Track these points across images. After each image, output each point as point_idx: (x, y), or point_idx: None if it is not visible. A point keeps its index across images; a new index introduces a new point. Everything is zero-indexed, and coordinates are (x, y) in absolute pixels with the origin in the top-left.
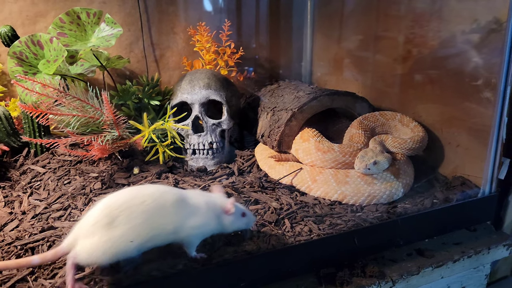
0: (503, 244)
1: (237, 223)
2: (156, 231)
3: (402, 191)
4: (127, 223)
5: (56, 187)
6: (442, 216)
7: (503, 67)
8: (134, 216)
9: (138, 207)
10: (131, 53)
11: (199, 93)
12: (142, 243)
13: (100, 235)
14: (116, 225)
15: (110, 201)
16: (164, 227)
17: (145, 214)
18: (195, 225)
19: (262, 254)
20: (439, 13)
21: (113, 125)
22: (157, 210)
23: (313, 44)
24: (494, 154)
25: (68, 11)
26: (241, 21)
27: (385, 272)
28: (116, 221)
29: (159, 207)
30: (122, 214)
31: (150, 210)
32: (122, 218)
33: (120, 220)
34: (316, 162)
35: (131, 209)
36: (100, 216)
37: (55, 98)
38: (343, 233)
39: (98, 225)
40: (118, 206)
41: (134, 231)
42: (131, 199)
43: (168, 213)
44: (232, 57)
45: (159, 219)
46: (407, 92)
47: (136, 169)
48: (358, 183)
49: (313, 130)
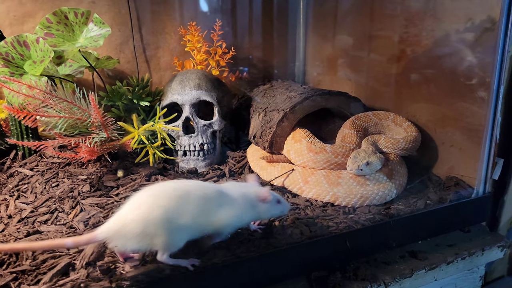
0: (497, 245)
1: (273, 211)
2: (199, 223)
3: (395, 192)
4: (175, 215)
5: (43, 190)
6: (435, 217)
7: (496, 66)
8: (180, 209)
9: (184, 199)
10: (121, 53)
11: (189, 94)
12: (187, 235)
13: (145, 227)
14: (163, 218)
15: (154, 194)
16: (206, 219)
17: (190, 206)
18: (234, 215)
19: (252, 258)
20: (433, 12)
21: (101, 127)
22: (201, 203)
23: (306, 43)
24: (488, 154)
25: (55, 11)
26: (233, 21)
27: (378, 275)
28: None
29: (203, 200)
30: (169, 207)
31: (194, 203)
32: (169, 211)
33: (167, 213)
34: (308, 163)
35: (177, 202)
36: (144, 209)
37: (42, 100)
38: (335, 236)
39: (142, 217)
40: (163, 199)
41: (181, 223)
42: (175, 191)
43: (210, 205)
44: (223, 57)
45: (202, 211)
46: (401, 92)
47: (120, 172)
48: (351, 184)
49: (305, 131)
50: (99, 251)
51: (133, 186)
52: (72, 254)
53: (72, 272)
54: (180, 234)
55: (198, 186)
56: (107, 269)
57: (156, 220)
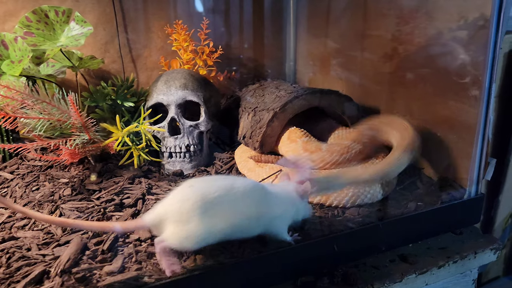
0: (490, 248)
1: (306, 209)
2: (244, 221)
3: (387, 190)
4: (222, 212)
5: (23, 194)
6: (426, 219)
7: (488, 63)
8: (227, 205)
9: (229, 196)
10: (106, 53)
11: (175, 94)
12: (231, 232)
13: (195, 223)
14: (211, 214)
15: (204, 189)
16: (250, 216)
17: (235, 203)
18: (278, 213)
19: (235, 264)
20: (425, 9)
21: (82, 128)
22: (245, 200)
23: (297, 42)
24: (480, 154)
25: (35, 9)
26: (221, 19)
27: (367, 280)
28: (211, 210)
29: (246, 197)
30: (217, 203)
31: (239, 200)
32: (218, 207)
33: (216, 209)
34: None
35: (223, 198)
36: (197, 204)
37: (20, 101)
38: (323, 239)
39: (194, 212)
40: (212, 194)
41: (228, 219)
42: (222, 187)
43: (254, 203)
44: (211, 57)
45: (247, 209)
46: (392, 91)
47: (94, 176)
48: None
49: (300, 130)
50: (75, 258)
51: (115, 190)
52: (47, 261)
53: (47, 280)
54: (220, 233)
55: (239, 185)
56: (82, 277)
57: (202, 221)
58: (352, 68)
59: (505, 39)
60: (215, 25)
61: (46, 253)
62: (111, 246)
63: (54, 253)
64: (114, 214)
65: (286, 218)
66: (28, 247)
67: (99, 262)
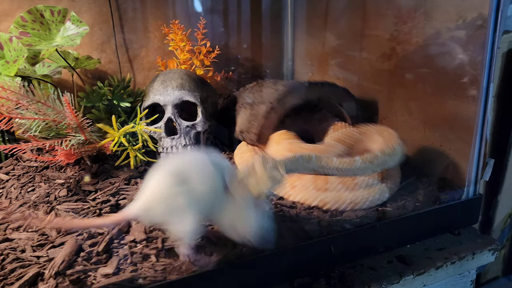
0: (488, 248)
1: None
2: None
3: (387, 195)
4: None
5: (19, 195)
6: (424, 220)
7: (486, 63)
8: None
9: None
10: (103, 53)
11: (172, 94)
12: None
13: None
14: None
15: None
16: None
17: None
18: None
19: (231, 266)
20: (424, 9)
21: (77, 129)
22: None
23: (295, 42)
24: (478, 154)
25: (31, 9)
26: (219, 19)
27: (364, 281)
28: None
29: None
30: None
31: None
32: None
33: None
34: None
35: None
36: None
37: (15, 101)
38: (320, 240)
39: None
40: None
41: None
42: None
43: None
44: (208, 56)
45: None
46: (390, 91)
47: (87, 177)
48: (339, 189)
49: (288, 133)
50: (70, 259)
51: (111, 190)
52: (42, 263)
53: (41, 282)
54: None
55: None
56: (77, 279)
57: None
58: (350, 68)
59: (503, 39)
60: (213, 25)
61: (41, 255)
62: (106, 248)
63: (48, 255)
64: (109, 215)
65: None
66: (23, 249)
67: (93, 264)
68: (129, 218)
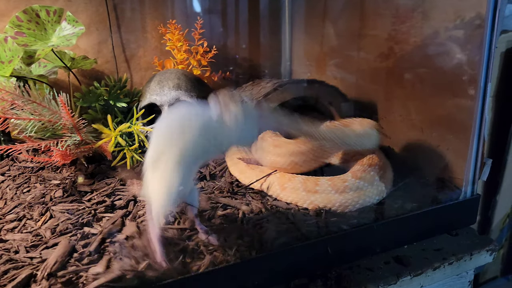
0: (486, 249)
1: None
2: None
3: (377, 198)
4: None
5: (14, 196)
6: (421, 220)
7: (483, 62)
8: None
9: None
10: (99, 53)
11: (168, 94)
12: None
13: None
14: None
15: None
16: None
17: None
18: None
19: (227, 266)
20: (422, 9)
21: (73, 129)
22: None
23: (293, 42)
24: (476, 154)
25: (26, 9)
26: (216, 19)
27: (361, 282)
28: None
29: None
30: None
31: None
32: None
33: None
34: (273, 158)
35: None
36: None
37: (10, 102)
38: (316, 241)
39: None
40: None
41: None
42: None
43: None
44: (205, 56)
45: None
46: (388, 91)
47: (81, 178)
48: (329, 192)
49: (273, 132)
50: (63, 260)
51: (107, 191)
52: (35, 264)
53: (34, 284)
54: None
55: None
56: (68, 280)
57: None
58: (348, 68)
59: (501, 39)
60: (210, 25)
61: (34, 256)
62: (98, 247)
63: (41, 256)
64: (104, 216)
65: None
66: (16, 250)
67: (86, 265)
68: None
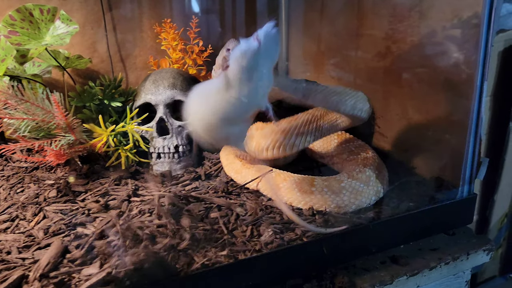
0: (483, 249)
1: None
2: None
3: (374, 199)
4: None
5: (7, 196)
6: (418, 220)
7: (479, 62)
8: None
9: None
10: (95, 52)
11: (163, 94)
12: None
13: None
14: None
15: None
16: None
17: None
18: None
19: (222, 267)
20: (419, 8)
21: (67, 129)
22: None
23: (289, 41)
24: (472, 153)
25: (19, 7)
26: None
27: (356, 282)
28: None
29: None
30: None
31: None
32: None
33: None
34: (259, 140)
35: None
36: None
37: (3, 101)
38: (311, 241)
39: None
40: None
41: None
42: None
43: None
44: (200, 56)
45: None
46: (386, 90)
47: (72, 178)
48: (324, 193)
49: (260, 123)
50: (55, 261)
51: (101, 191)
52: (27, 265)
53: (26, 285)
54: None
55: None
56: (60, 281)
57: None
58: (345, 67)
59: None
60: (207, 24)
61: (26, 257)
62: (91, 248)
63: (34, 257)
64: (98, 216)
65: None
66: (8, 250)
67: (78, 265)
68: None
